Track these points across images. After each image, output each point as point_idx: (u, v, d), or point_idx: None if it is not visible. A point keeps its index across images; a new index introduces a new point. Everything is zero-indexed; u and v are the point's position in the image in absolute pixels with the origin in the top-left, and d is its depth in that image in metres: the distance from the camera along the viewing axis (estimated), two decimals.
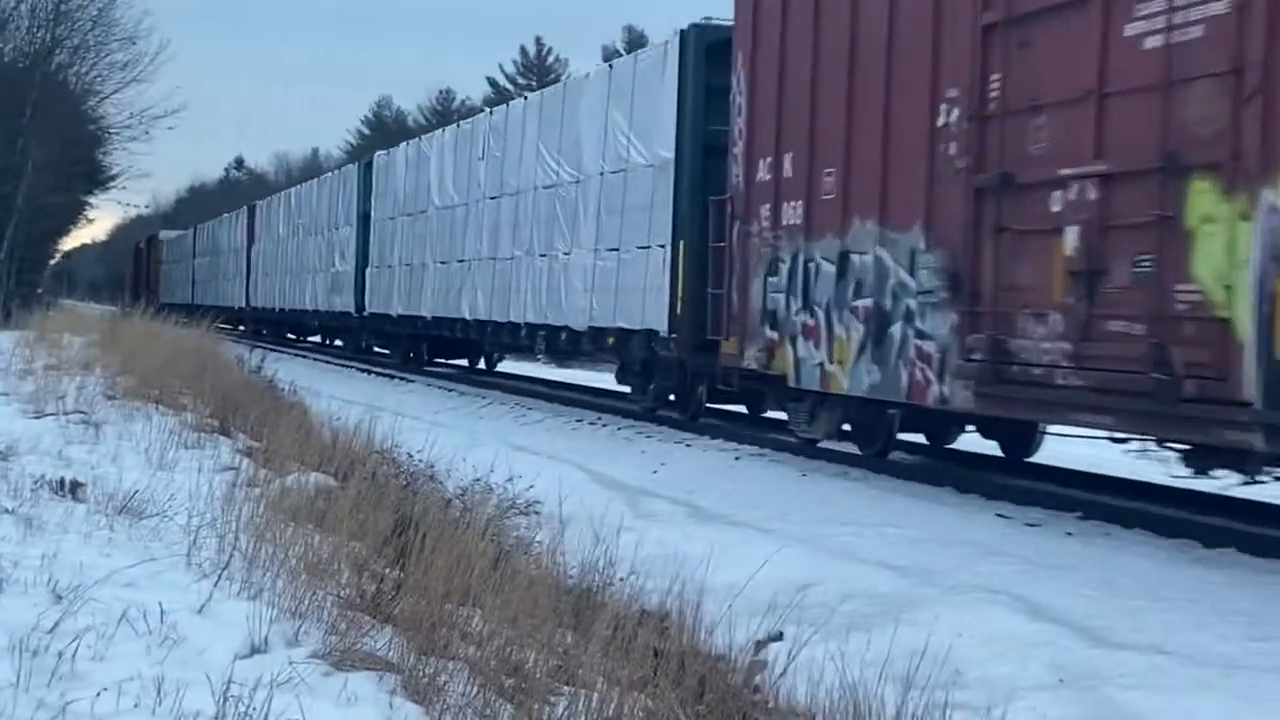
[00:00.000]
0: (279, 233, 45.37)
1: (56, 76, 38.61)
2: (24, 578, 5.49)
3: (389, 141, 51.09)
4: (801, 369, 14.29)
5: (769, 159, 14.97)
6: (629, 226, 19.03)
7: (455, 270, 26.78)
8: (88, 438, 10.20)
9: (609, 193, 19.72)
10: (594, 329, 20.35)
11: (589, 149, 20.58)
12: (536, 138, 22.80)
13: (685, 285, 17.38)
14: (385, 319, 32.09)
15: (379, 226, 32.99)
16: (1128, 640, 7.35)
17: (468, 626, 5.58)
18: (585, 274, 20.40)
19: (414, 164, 30.50)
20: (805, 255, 14.16)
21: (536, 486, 10.79)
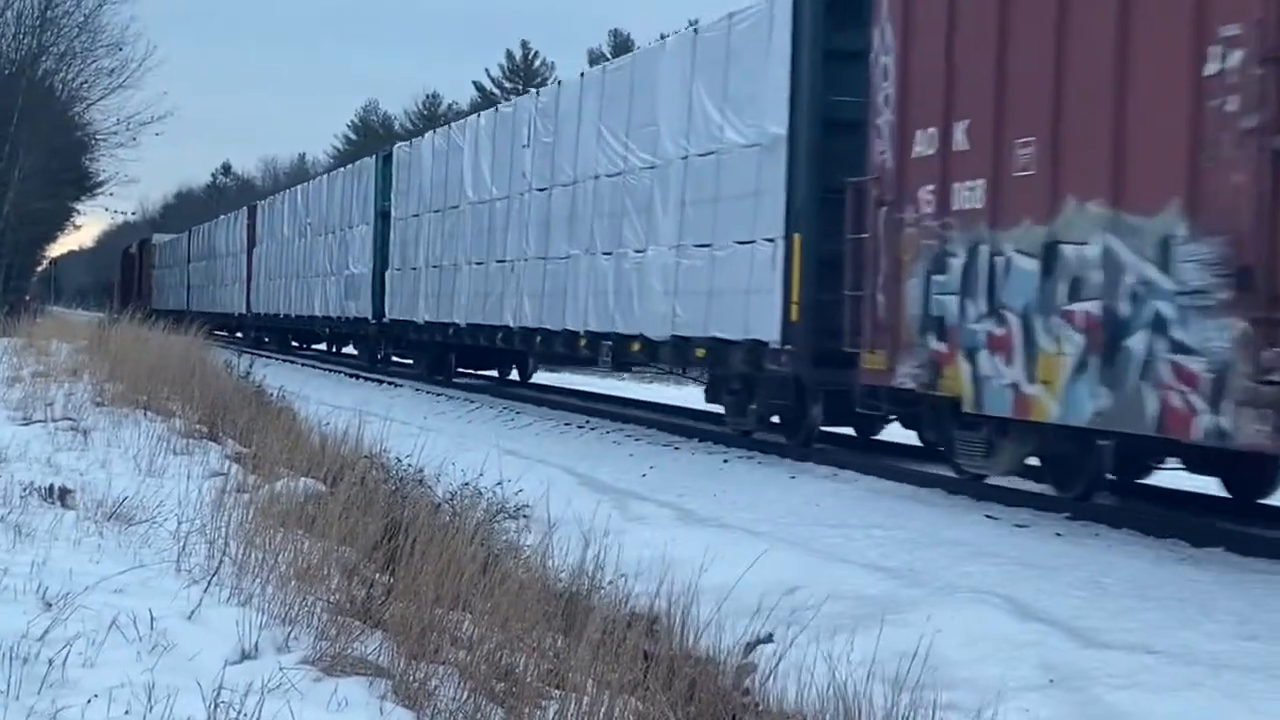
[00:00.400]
0: (283, 234, 42.64)
1: (43, 83, 38.55)
2: (13, 585, 5.49)
3: (375, 146, 50.37)
4: (984, 390, 11.44)
5: (932, 129, 12.30)
6: (724, 218, 16.24)
7: (495, 272, 23.89)
8: (76, 444, 10.19)
9: (696, 179, 16.93)
10: (678, 339, 17.39)
11: (668, 129, 17.70)
12: (597, 119, 19.82)
13: (801, 286, 14.82)
14: (408, 326, 29.00)
15: (400, 225, 30.00)
16: (1116, 640, 7.38)
17: (458, 631, 5.59)
18: (665, 275, 17.52)
19: (442, 155, 27.41)
20: (990, 247, 11.45)
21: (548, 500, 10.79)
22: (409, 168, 29.80)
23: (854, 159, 13.62)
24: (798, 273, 14.87)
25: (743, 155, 15.92)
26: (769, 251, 15.27)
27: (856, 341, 13.38)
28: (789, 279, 14.97)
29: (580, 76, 21.56)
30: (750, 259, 15.63)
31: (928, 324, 12.29)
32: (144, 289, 69.39)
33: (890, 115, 12.99)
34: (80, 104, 41.36)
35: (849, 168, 13.70)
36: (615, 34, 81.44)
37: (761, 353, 15.45)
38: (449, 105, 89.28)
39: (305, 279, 38.96)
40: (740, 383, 16.67)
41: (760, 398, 16.29)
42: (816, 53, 14.94)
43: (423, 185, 28.43)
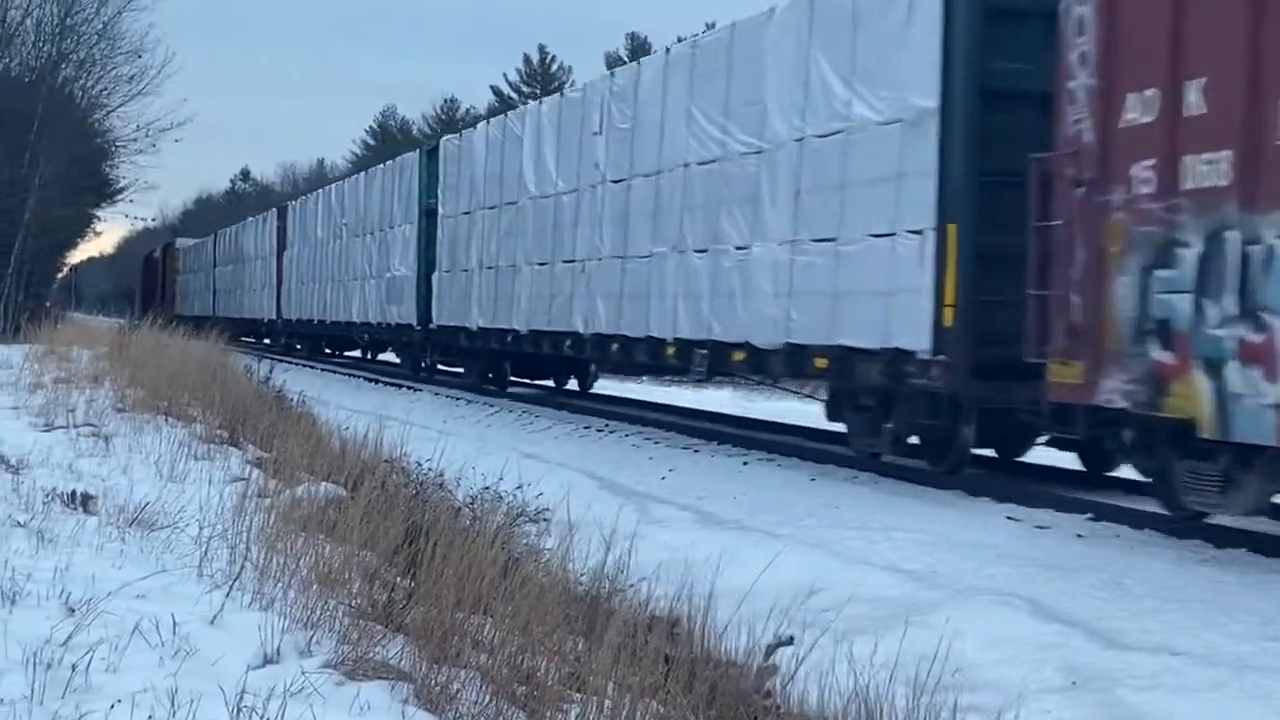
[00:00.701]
0: (316, 236, 40.46)
1: (63, 90, 38.70)
2: (37, 591, 5.51)
3: (393, 151, 49.77)
4: (1233, 410, 9.24)
5: (1151, 91, 10.15)
6: (854, 207, 14.01)
7: (562, 274, 21.46)
8: (98, 450, 10.23)
9: (815, 163, 14.65)
10: (793, 347, 15.06)
11: (778, 108, 15.38)
12: (687, 100, 17.50)
13: (958, 286, 12.67)
14: (458, 333, 26.63)
15: (449, 224, 27.53)
16: (1140, 641, 7.36)
17: (479, 634, 5.59)
18: (775, 274, 15.24)
19: (497, 146, 24.89)
20: (1241, 234, 9.26)
21: None
22: (458, 161, 27.44)
23: (1020, 135, 12.07)
24: (953, 270, 12.75)
25: (878, 134, 13.72)
26: (915, 245, 13.09)
27: (1042, 350, 11.19)
28: (941, 277, 12.79)
29: (665, 53, 19.12)
30: (890, 255, 13.43)
31: (1145, 329, 10.09)
32: (167, 294, 67.75)
33: (1088, 77, 10.89)
34: (100, 111, 41.53)
35: (1014, 145, 12.04)
36: (632, 37, 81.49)
37: (905, 363, 13.24)
38: (467, 110, 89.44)
39: (341, 283, 36.83)
40: (873, 398, 14.31)
41: (899, 415, 13.94)
42: (974, 12, 12.92)
43: (475, 180, 26.13)
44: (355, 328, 35.52)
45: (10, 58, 38.13)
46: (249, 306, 50.03)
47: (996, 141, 12.63)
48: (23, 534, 6.65)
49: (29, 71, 38.01)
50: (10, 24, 37.52)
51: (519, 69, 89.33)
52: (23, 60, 38.38)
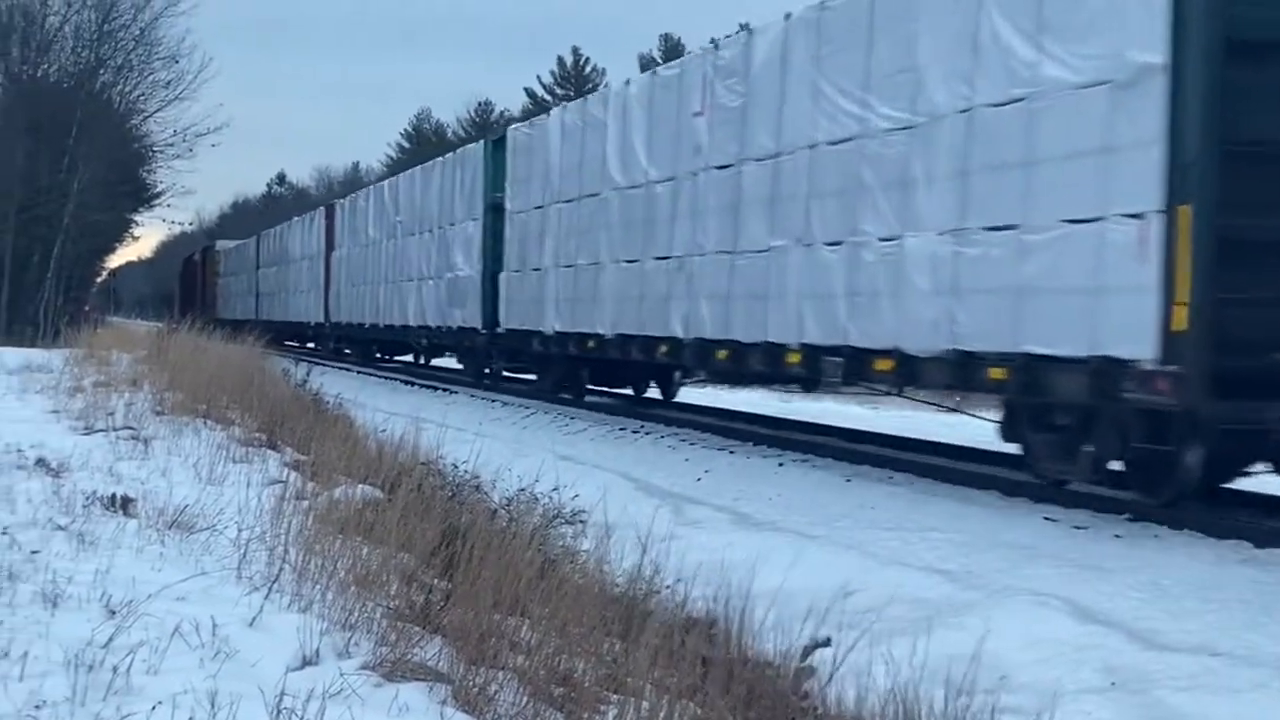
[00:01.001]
0: (368, 235, 38.39)
1: (101, 96, 39.01)
2: (78, 593, 5.55)
3: (428, 154, 49.12)
4: None
5: None
6: (1044, 188, 11.79)
7: (655, 272, 19.18)
8: (137, 453, 10.29)
9: (988, 137, 12.40)
10: (959, 354, 12.74)
11: (938, 74, 13.09)
12: (813, 71, 15.20)
13: (1193, 280, 10.45)
14: (530, 337, 24.33)
15: (518, 220, 25.22)
16: (1179, 642, 7.32)
17: (516, 636, 5.61)
18: (935, 269, 12.99)
19: (576, 134, 22.50)
20: None
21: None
22: (529, 152, 24.99)
23: (1275, 96, 10.46)
24: (1186, 261, 10.49)
25: (1077, 99, 11.50)
26: (1132, 232, 10.84)
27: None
28: (1170, 270, 10.52)
29: (784, 19, 16.34)
30: (1095, 244, 11.21)
31: None
32: (208, 298, 66.98)
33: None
34: (138, 116, 41.84)
35: (1267, 109, 10.42)
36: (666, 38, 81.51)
37: (1119, 375, 11.02)
38: (501, 112, 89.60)
39: (396, 284, 34.65)
40: (1070, 415, 12.15)
41: (1103, 437, 11.75)
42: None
43: (549, 171, 23.76)
44: (411, 331, 33.62)
45: (49, 64, 38.51)
46: (294, 309, 48.28)
47: (1244, 104, 10.47)
48: (64, 537, 6.71)
49: (68, 77, 38.34)
50: (49, 30, 37.90)
51: (553, 71, 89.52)
52: (61, 66, 38.74)
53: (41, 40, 37.76)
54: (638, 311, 19.72)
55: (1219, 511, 11.32)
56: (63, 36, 38.29)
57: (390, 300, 35.15)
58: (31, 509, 7.39)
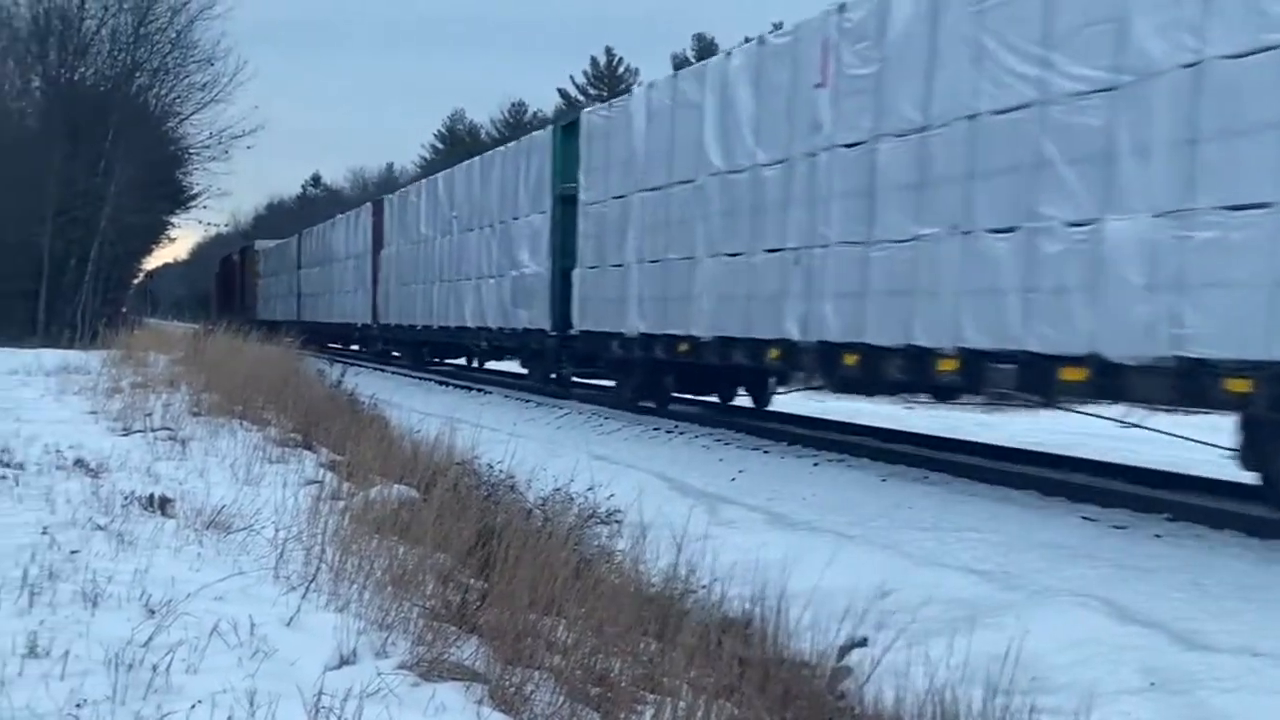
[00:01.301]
0: (419, 232, 36.14)
1: (137, 99, 39.22)
2: (117, 592, 5.58)
3: (463, 155, 48.35)
4: None
5: None
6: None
7: (764, 266, 16.86)
8: (175, 454, 10.35)
9: (1225, 96, 10.31)
10: (1185, 362, 10.60)
11: (1152, 23, 11.05)
12: (973, 28, 13.09)
13: None
14: (608, 340, 21.94)
15: (593, 212, 22.71)
16: (1220, 643, 7.26)
17: (552, 635, 5.61)
18: (1148, 259, 10.95)
19: (664, 114, 20.00)
20: None
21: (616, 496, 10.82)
22: (606, 137, 22.48)
23: None
24: None
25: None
26: None
27: None
28: None
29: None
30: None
31: None
32: (247, 299, 65.53)
33: None
34: (174, 119, 42.03)
35: None
36: (700, 38, 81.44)
37: None
38: (534, 113, 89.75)
39: (451, 284, 32.48)
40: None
41: None
42: None
43: (631, 157, 21.23)
44: (469, 334, 31.30)
45: (86, 67, 38.72)
46: (339, 310, 46.50)
47: None
48: (103, 537, 6.74)
49: (104, 81, 38.56)
50: (86, 34, 38.11)
51: (586, 71, 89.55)
52: (98, 70, 38.95)
53: (78, 44, 38.00)
54: (743, 311, 17.38)
55: None
56: (99, 40, 38.53)
57: (445, 300, 33.07)
58: (71, 509, 7.43)
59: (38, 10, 37.37)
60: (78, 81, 38.12)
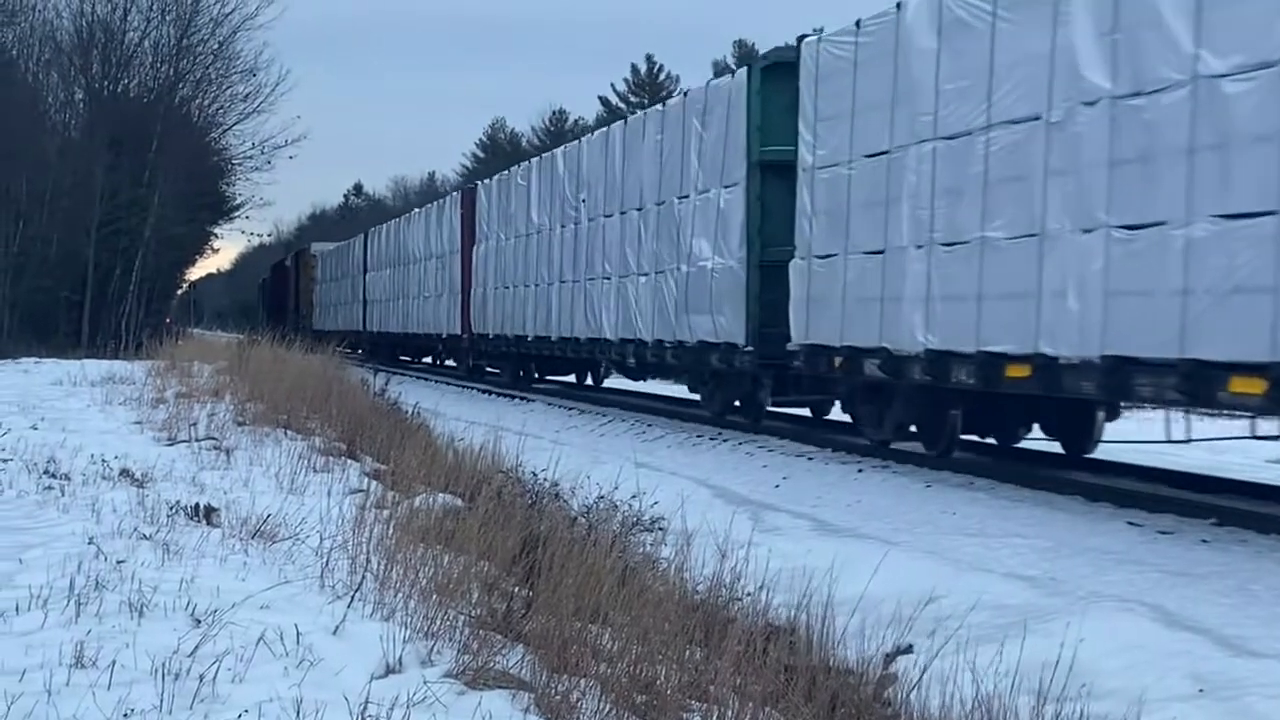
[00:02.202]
0: (528, 222, 29.31)
1: (180, 110, 39.51)
2: (164, 602, 5.61)
3: (504, 163, 47.72)
4: None
5: None
6: None
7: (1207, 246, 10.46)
8: (219, 463, 10.41)
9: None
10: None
11: None
12: None
13: None
14: (857, 360, 15.73)
15: (827, 178, 16.39)
16: (1269, 649, 7.19)
17: (598, 643, 5.61)
18: None
19: (972, 28, 13.42)
20: None
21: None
22: (853, 72, 15.83)
23: None
24: None
25: None
26: None
27: None
28: None
29: None
30: None
31: None
32: (301, 307, 60.49)
33: None
34: (216, 129, 42.35)
35: None
36: (740, 44, 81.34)
37: None
38: (575, 121, 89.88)
39: (576, 284, 26.04)
40: None
41: None
42: None
43: (903, 95, 14.67)
44: (608, 347, 24.68)
45: (129, 78, 39.06)
46: (418, 319, 39.97)
47: None
48: (149, 546, 6.79)
49: (147, 92, 38.87)
50: (129, 46, 38.44)
51: (626, 79, 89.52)
52: (141, 81, 39.28)
53: (121, 56, 38.33)
54: (1178, 314, 10.74)
55: None
56: (142, 51, 38.86)
57: (566, 306, 26.71)
58: (117, 519, 7.49)
59: (80, 23, 37.76)
60: (121, 93, 38.45)
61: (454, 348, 36.01)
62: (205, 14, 38.49)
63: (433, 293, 38.24)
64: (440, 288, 37.34)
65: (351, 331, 47.35)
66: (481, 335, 33.24)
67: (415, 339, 41.22)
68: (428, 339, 39.37)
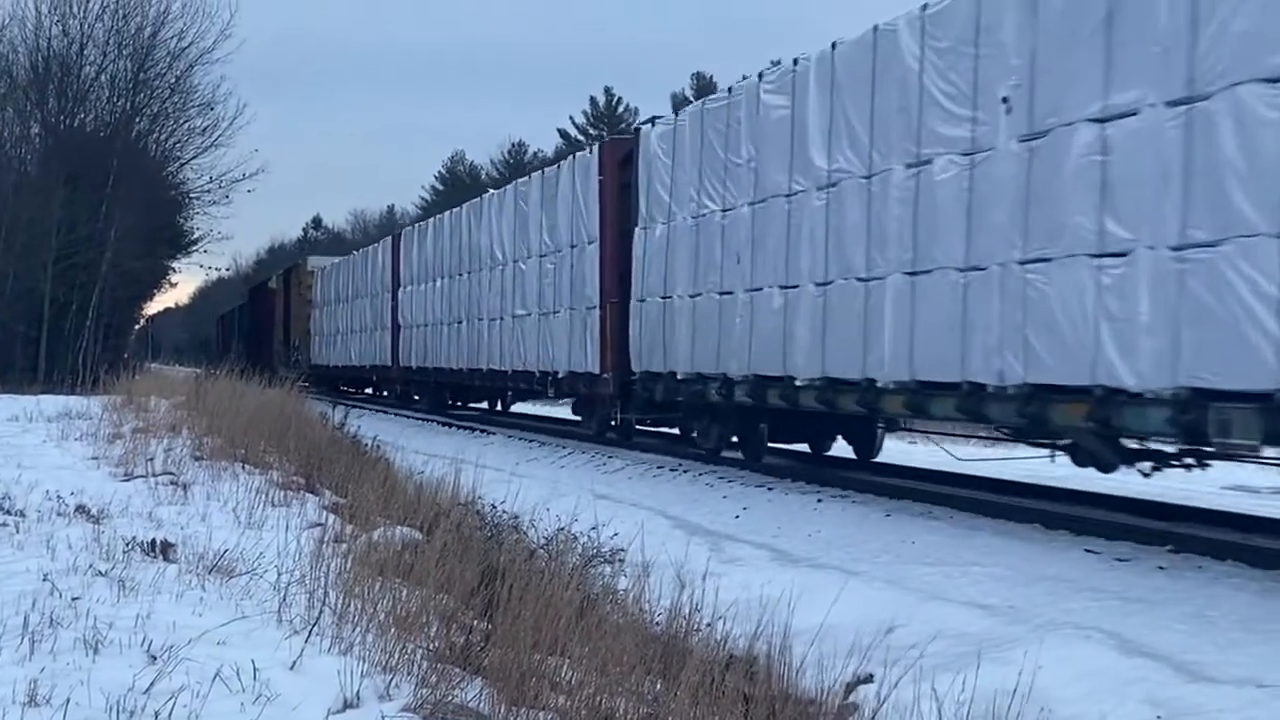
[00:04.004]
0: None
1: (137, 144, 39.36)
2: (119, 638, 5.57)
3: (464, 196, 46.10)
4: None
5: None
6: None
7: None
8: (176, 498, 10.34)
9: None
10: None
11: None
12: None
13: None
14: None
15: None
16: (1225, 674, 7.23)
17: (557, 676, 5.60)
18: None
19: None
20: None
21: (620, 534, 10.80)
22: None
23: None
24: None
25: None
26: None
27: None
28: None
29: None
30: None
31: None
32: (293, 337, 50.10)
33: None
34: (173, 163, 42.18)
35: None
36: (698, 76, 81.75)
37: None
38: (534, 153, 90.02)
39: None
40: None
41: None
42: None
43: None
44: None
45: (86, 113, 38.89)
46: (498, 350, 27.78)
47: None
48: (104, 583, 6.73)
49: (104, 126, 38.71)
50: (85, 80, 38.29)
51: (585, 111, 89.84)
52: (98, 115, 39.12)
53: (78, 90, 38.19)
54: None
55: None
56: (99, 86, 38.72)
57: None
58: (72, 555, 7.43)
59: (36, 58, 37.58)
60: (77, 128, 38.28)
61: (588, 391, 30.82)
62: (162, 48, 38.42)
63: (534, 307, 26.28)
64: (548, 299, 25.95)
65: (375, 367, 38.70)
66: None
67: (487, 379, 29.42)
68: (519, 379, 27.20)
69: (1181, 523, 12.39)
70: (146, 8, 37.89)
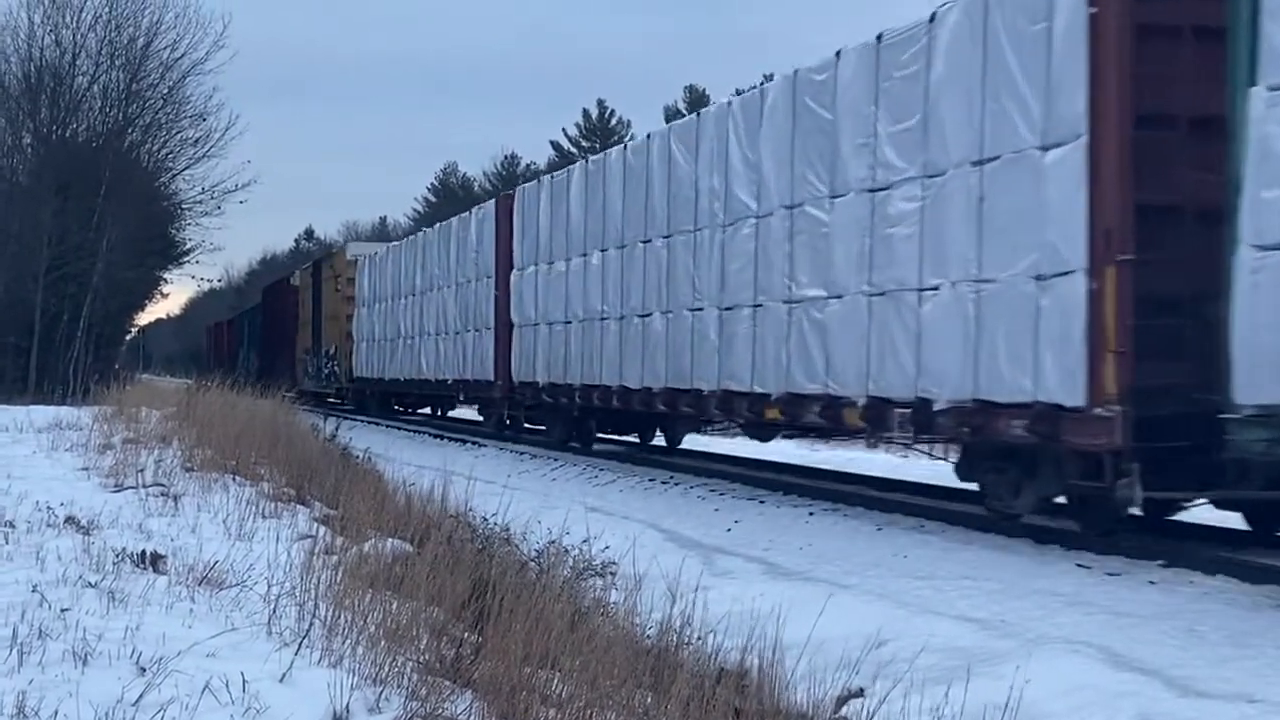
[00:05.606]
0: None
1: (129, 155, 39.35)
2: (108, 650, 5.55)
3: (456, 208, 46.38)
4: None
5: None
6: None
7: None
8: (167, 510, 10.32)
9: None
10: None
11: None
12: None
13: None
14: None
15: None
16: (1215, 689, 7.23)
17: (547, 689, 5.58)
18: None
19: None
20: None
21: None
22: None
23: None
24: None
25: None
26: None
27: None
28: None
29: None
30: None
31: None
32: (323, 344, 41.88)
33: None
34: (166, 174, 42.18)
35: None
36: (691, 89, 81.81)
37: None
38: (527, 165, 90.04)
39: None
40: None
41: None
42: None
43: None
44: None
45: (78, 123, 38.88)
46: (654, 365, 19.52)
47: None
48: (94, 594, 6.72)
49: (96, 137, 38.70)
50: (78, 91, 38.28)
51: (578, 124, 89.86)
52: (90, 126, 39.12)
53: (70, 100, 38.19)
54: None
55: None
56: (91, 96, 38.72)
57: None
58: (61, 567, 7.41)
59: (29, 68, 37.58)
60: (69, 138, 38.27)
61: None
62: (155, 59, 38.46)
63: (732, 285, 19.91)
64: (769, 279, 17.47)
65: (451, 381, 29.94)
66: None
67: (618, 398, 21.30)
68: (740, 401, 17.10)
69: (1173, 537, 12.38)
70: (139, 18, 37.97)
